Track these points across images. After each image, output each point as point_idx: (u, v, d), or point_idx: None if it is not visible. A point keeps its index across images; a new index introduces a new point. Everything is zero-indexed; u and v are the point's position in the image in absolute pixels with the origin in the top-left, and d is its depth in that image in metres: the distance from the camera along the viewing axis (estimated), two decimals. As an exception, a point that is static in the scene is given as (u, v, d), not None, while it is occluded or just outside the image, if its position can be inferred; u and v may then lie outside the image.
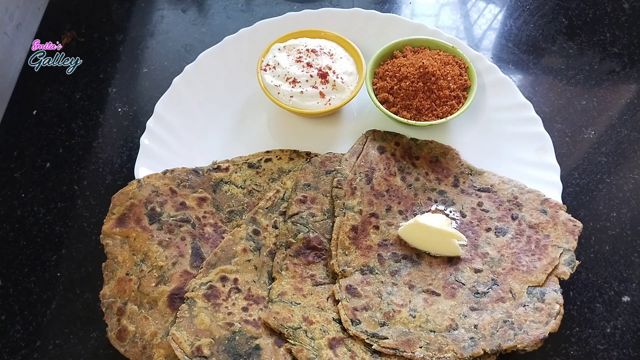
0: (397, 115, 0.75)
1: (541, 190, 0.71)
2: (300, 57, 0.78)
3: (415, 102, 0.75)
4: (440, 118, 0.75)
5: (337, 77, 0.77)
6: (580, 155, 0.80)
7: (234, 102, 0.82)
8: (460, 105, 0.76)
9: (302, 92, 0.75)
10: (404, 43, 0.81)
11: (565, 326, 0.62)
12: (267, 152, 0.76)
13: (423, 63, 0.75)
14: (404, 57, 0.79)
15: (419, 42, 0.81)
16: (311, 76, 0.76)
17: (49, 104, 0.86)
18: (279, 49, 0.79)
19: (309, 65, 0.77)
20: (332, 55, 0.79)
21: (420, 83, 0.75)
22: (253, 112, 0.82)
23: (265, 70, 0.78)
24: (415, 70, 0.75)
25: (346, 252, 0.65)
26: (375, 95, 0.77)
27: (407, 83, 0.75)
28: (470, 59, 0.79)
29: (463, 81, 0.77)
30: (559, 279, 0.64)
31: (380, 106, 0.76)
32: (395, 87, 0.76)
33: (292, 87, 0.76)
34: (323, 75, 0.76)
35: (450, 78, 0.76)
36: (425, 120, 0.75)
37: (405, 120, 0.74)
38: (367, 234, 0.67)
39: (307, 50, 0.78)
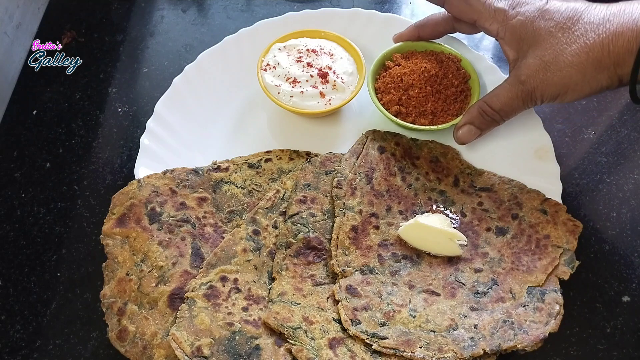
0: (414, 124, 0.74)
1: (541, 190, 0.71)
2: (300, 57, 0.78)
3: (429, 107, 0.75)
4: (456, 115, 0.75)
5: (337, 77, 0.77)
6: (580, 155, 0.80)
7: (234, 102, 0.82)
8: (469, 98, 0.76)
9: (302, 92, 0.75)
10: (392, 52, 0.80)
11: (565, 326, 0.62)
12: (267, 152, 0.76)
13: (425, 67, 0.75)
14: (397, 65, 0.78)
15: (406, 48, 0.80)
16: (311, 76, 0.76)
17: (49, 104, 0.86)
18: (279, 49, 0.79)
19: (309, 65, 0.77)
20: (332, 55, 0.79)
21: (428, 87, 0.75)
22: (253, 112, 0.82)
23: (265, 70, 0.78)
24: (419, 76, 0.75)
25: (346, 252, 0.65)
26: (387, 110, 0.75)
27: (416, 90, 0.75)
28: (470, 59, 0.79)
29: (462, 74, 0.77)
30: (559, 279, 0.64)
31: (394, 118, 0.74)
32: (403, 98, 0.75)
33: (292, 87, 0.76)
34: (323, 75, 0.76)
35: (450, 75, 0.76)
36: (443, 122, 0.74)
37: (427, 127, 0.73)
38: (367, 234, 0.67)
39: (307, 50, 0.78)
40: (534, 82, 0.63)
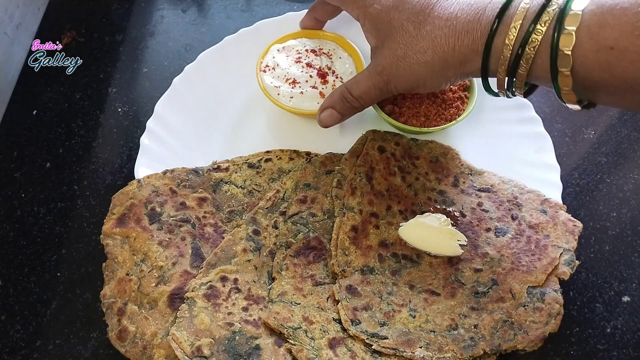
0: (406, 124, 0.74)
1: (541, 190, 0.71)
2: (299, 57, 0.78)
3: (423, 109, 0.75)
4: (450, 121, 0.74)
5: (337, 78, 0.76)
6: (580, 155, 0.80)
7: (234, 102, 0.82)
8: (465, 105, 0.76)
9: (302, 92, 0.75)
10: None
11: (565, 326, 0.62)
12: (267, 152, 0.76)
13: None
14: None
15: None
16: (311, 76, 0.76)
17: (49, 104, 0.86)
18: (278, 50, 0.79)
19: (308, 65, 0.77)
20: (331, 55, 0.79)
21: None
22: (253, 112, 0.82)
23: (264, 71, 0.78)
24: None
25: (346, 252, 0.65)
26: (381, 108, 0.76)
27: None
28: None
29: (462, 82, 0.77)
30: (559, 279, 0.64)
31: (385, 115, 0.74)
32: (398, 98, 0.75)
33: (292, 87, 0.76)
34: (323, 76, 0.76)
35: None
36: (435, 125, 0.74)
37: (417, 128, 0.73)
38: (367, 233, 0.67)
39: (307, 50, 0.78)
40: (388, 73, 0.64)
